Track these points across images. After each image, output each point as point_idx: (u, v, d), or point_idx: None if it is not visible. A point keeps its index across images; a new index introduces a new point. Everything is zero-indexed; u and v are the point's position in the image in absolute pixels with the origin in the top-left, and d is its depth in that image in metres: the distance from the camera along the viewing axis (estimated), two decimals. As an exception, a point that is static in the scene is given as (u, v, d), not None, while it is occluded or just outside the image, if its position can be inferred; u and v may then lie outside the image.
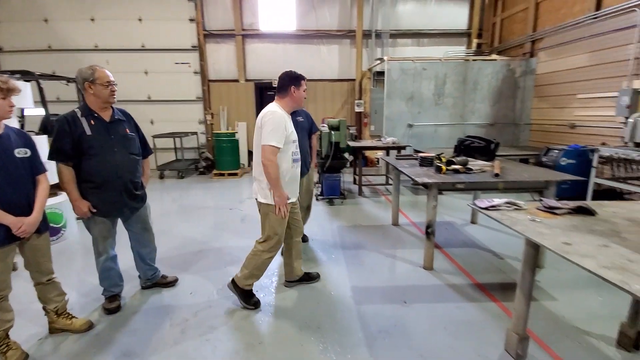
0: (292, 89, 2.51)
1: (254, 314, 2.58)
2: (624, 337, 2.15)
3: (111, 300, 2.61)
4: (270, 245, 2.57)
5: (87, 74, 2.21)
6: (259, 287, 2.96)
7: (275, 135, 2.35)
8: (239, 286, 2.65)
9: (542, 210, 2.01)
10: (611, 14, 5.45)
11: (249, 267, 2.63)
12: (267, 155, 2.34)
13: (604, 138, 5.43)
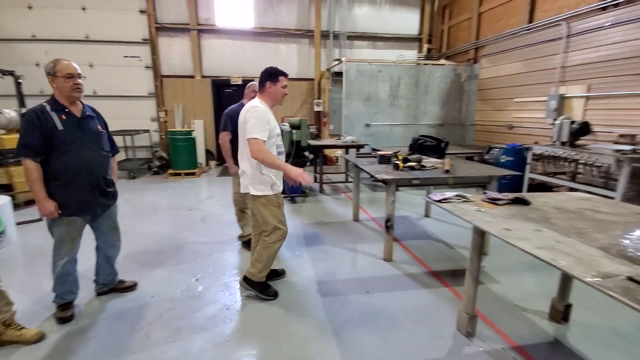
0: (268, 85, 2.54)
1: (220, 313, 2.57)
2: (555, 311, 2.48)
3: (64, 309, 2.45)
4: (279, 235, 2.64)
5: (49, 67, 2.15)
6: (224, 287, 2.95)
7: (258, 127, 2.37)
8: (255, 280, 2.71)
9: (486, 201, 2.25)
10: (542, 26, 6.13)
11: (262, 260, 2.67)
12: (254, 148, 2.36)
13: (537, 138, 6.09)
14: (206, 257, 3.54)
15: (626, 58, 4.69)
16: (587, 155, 4.36)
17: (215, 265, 3.37)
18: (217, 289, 2.92)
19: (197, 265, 3.35)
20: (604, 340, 2.26)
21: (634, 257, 1.36)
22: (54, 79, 2.16)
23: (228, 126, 3.51)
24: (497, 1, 7.35)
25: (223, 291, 2.88)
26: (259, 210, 2.60)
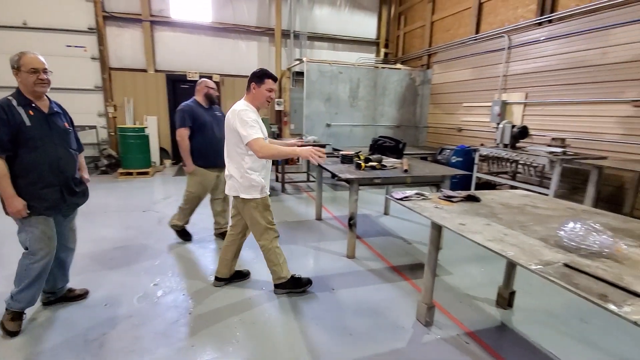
0: (252, 86, 2.55)
1: (182, 318, 2.49)
2: (501, 298, 2.73)
3: (15, 319, 2.25)
4: (272, 235, 2.69)
5: (13, 60, 2.07)
6: (186, 290, 2.86)
7: (252, 128, 2.36)
8: (284, 280, 2.76)
9: (442, 199, 2.42)
10: (486, 37, 6.65)
11: (275, 262, 2.73)
12: (257, 148, 2.34)
13: (483, 140, 6.60)
14: (165, 261, 3.40)
15: (557, 70, 5.26)
16: (526, 157, 4.83)
17: (174, 269, 3.24)
18: (178, 293, 2.82)
19: (155, 270, 3.20)
20: (541, 321, 2.55)
21: (568, 246, 1.56)
22: (18, 73, 2.07)
23: (187, 122, 3.44)
24: (447, 12, 7.85)
25: (184, 295, 2.79)
26: (249, 213, 2.60)
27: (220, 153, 3.62)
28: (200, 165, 3.57)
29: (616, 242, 1.54)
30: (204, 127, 3.51)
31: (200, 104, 3.58)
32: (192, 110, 3.49)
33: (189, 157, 3.50)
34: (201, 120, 3.50)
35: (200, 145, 3.52)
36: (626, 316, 1.04)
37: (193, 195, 3.66)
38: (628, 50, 4.34)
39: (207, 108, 3.61)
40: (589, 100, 4.82)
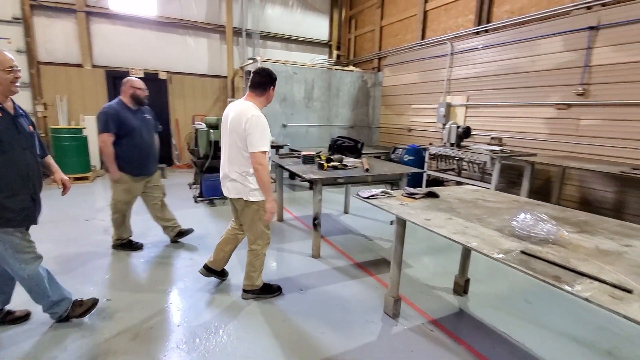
0: (271, 89, 2.53)
1: (145, 333, 2.33)
2: (457, 286, 2.95)
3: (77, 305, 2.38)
4: (266, 240, 2.69)
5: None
6: (145, 303, 2.68)
7: (266, 140, 2.37)
8: (256, 288, 2.74)
9: (405, 196, 2.55)
10: (431, 43, 7.10)
11: (257, 268, 2.70)
12: (260, 161, 2.34)
13: (431, 139, 7.04)
14: (118, 274, 3.14)
15: (494, 75, 5.79)
16: (470, 155, 5.25)
17: (129, 281, 3.01)
18: (137, 307, 2.62)
19: (107, 284, 2.94)
20: (492, 305, 2.80)
21: (521, 235, 1.74)
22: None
23: (111, 127, 3.14)
24: (395, 18, 8.24)
25: (144, 309, 2.60)
26: (250, 216, 2.57)
27: (150, 159, 3.48)
28: (128, 173, 3.32)
29: (559, 230, 1.75)
30: (132, 132, 3.24)
31: (127, 106, 3.27)
32: (118, 115, 3.17)
33: (114, 164, 3.22)
34: (129, 126, 3.22)
35: (128, 153, 3.25)
36: (579, 294, 1.19)
37: (121, 203, 3.41)
38: (552, 59, 4.93)
39: (135, 110, 3.33)
40: (521, 103, 5.39)
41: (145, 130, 3.38)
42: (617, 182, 4.30)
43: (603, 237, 1.79)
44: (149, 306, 2.63)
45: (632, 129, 4.14)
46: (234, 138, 2.41)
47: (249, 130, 2.32)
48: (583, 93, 4.57)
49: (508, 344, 2.32)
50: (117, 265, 3.29)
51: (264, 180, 2.41)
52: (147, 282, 3.01)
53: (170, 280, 3.05)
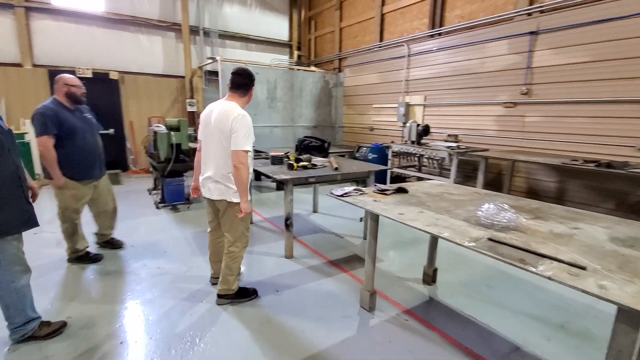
0: (252, 90, 2.58)
1: (116, 349, 2.20)
2: (426, 276, 3.11)
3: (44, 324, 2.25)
4: (244, 242, 2.67)
5: None
6: (112, 317, 2.52)
7: (250, 139, 2.37)
8: (232, 292, 2.68)
9: (377, 192, 2.65)
10: (389, 45, 7.37)
11: (234, 271, 2.65)
12: (242, 159, 2.33)
13: (392, 137, 7.31)
14: (77, 288, 2.92)
15: (448, 76, 6.15)
16: (430, 151, 5.54)
17: (91, 296, 2.81)
18: (102, 322, 2.46)
19: (66, 300, 2.73)
20: (459, 291, 2.99)
21: (485, 223, 1.89)
22: None
23: (50, 129, 2.90)
24: (354, 20, 8.43)
25: (110, 323, 2.45)
26: (231, 217, 2.54)
27: (96, 162, 3.30)
28: (74, 178, 3.11)
29: (518, 217, 1.92)
30: (74, 132, 3.02)
31: (64, 105, 3.04)
32: (56, 114, 2.93)
33: (57, 169, 2.98)
34: (69, 125, 2.99)
35: (71, 156, 3.03)
36: (542, 274, 1.33)
37: (69, 211, 3.19)
38: (499, 61, 5.34)
39: (73, 109, 3.10)
40: (473, 102, 5.77)
41: (88, 131, 3.17)
42: (559, 172, 4.77)
43: (554, 222, 2.00)
44: (115, 320, 2.48)
45: (569, 124, 4.61)
46: (219, 137, 2.38)
47: (236, 129, 2.31)
48: (527, 92, 5.01)
49: (475, 326, 2.49)
50: (76, 280, 3.06)
51: (243, 179, 2.38)
52: (110, 295, 2.83)
53: (137, 291, 2.89)
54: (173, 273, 3.20)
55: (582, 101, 4.45)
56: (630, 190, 4.12)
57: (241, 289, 2.77)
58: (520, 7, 5.07)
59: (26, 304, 2.15)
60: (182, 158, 5.12)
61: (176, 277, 3.13)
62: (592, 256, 1.49)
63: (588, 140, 4.44)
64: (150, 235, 4.11)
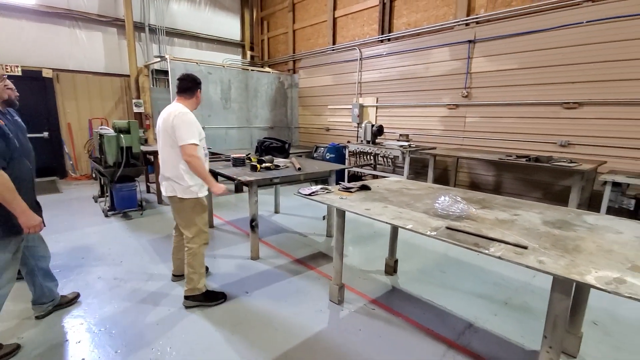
0: (198, 92, 2.68)
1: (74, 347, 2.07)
2: (388, 267, 3.32)
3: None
4: (203, 239, 2.69)
5: None
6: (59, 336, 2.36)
7: (194, 133, 2.45)
8: (198, 294, 2.67)
9: (342, 190, 2.78)
10: (342, 49, 7.62)
11: (196, 269, 2.65)
12: (190, 152, 2.41)
13: (348, 137, 7.56)
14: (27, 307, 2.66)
15: (397, 79, 6.53)
16: (384, 150, 5.85)
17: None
18: (58, 342, 2.29)
19: (16, 319, 2.48)
20: (417, 278, 3.24)
21: (443, 214, 2.10)
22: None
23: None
24: (306, 22, 8.57)
25: (68, 343, 2.29)
26: (185, 213, 2.61)
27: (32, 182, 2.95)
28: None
29: (469, 207, 2.17)
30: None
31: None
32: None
33: None
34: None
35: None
36: (493, 254, 1.54)
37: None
38: (442, 67, 5.80)
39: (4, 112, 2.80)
40: (420, 104, 6.21)
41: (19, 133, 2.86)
42: (496, 167, 5.33)
43: (498, 210, 2.29)
44: (73, 338, 2.32)
45: (503, 124, 5.18)
46: (164, 137, 2.53)
47: (177, 125, 2.44)
48: (467, 95, 5.52)
49: (433, 308, 2.74)
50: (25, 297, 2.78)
51: (198, 170, 2.48)
52: (64, 312, 2.63)
53: (94, 305, 2.72)
54: (133, 283, 3.06)
55: (512, 103, 5.03)
56: (554, 180, 4.75)
57: (209, 292, 2.75)
58: (459, 17, 5.57)
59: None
60: (134, 162, 4.84)
61: (137, 287, 2.99)
62: (530, 237, 1.75)
63: (519, 138, 5.03)
64: (102, 246, 3.85)
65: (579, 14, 4.35)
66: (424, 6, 6.13)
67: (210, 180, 2.56)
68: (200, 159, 2.49)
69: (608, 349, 2.31)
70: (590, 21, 4.26)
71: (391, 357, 2.19)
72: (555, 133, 4.68)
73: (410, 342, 2.33)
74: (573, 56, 4.43)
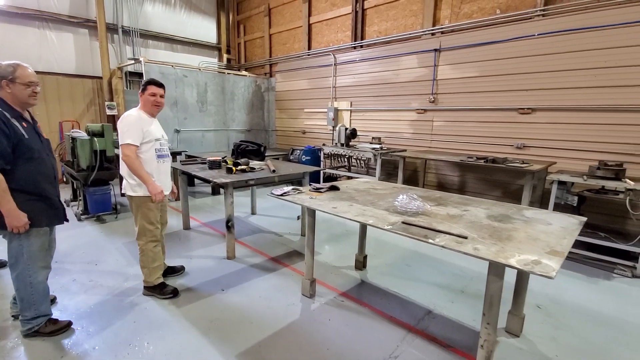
0: (140, 95, 2.78)
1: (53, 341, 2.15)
2: (358, 262, 3.54)
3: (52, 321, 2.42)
4: (149, 237, 2.79)
5: (6, 71, 2.08)
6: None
7: (129, 134, 2.59)
8: (150, 285, 2.88)
9: (313, 191, 2.97)
10: (318, 54, 7.83)
11: (145, 264, 2.84)
12: (125, 152, 2.59)
13: (324, 140, 7.78)
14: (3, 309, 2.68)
15: (370, 84, 6.82)
16: (357, 153, 6.10)
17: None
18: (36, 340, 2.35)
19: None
20: (385, 272, 3.47)
21: (401, 211, 2.33)
22: (10, 84, 2.09)
23: None
24: (282, 27, 8.74)
25: (44, 341, 2.35)
26: (133, 210, 2.79)
27: None
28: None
29: (425, 204, 2.41)
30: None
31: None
32: None
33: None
34: None
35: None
36: (437, 244, 1.77)
37: None
38: (411, 73, 6.13)
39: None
40: (392, 108, 6.51)
41: None
42: (460, 168, 5.69)
43: (451, 206, 2.54)
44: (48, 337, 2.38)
45: (466, 128, 5.54)
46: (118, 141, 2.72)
47: (119, 128, 2.67)
48: (434, 100, 5.86)
49: (398, 298, 2.97)
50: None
51: (132, 169, 2.63)
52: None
53: (71, 306, 2.77)
54: (109, 284, 3.12)
55: (474, 109, 5.40)
56: (511, 180, 5.14)
57: (160, 284, 2.92)
58: (425, 27, 5.91)
59: (38, 299, 2.31)
60: (107, 166, 4.84)
61: (113, 287, 3.06)
62: (473, 229, 2.00)
63: (481, 141, 5.40)
64: (76, 249, 3.86)
65: (532, 27, 4.75)
66: (394, 15, 6.44)
67: (147, 180, 2.65)
68: (134, 159, 2.60)
69: (548, 329, 2.61)
70: (541, 34, 4.67)
71: (356, 341, 2.39)
72: (512, 136, 5.08)
73: (374, 328, 2.54)
74: (526, 65, 4.83)
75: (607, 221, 4.23)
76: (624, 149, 4.20)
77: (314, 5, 7.84)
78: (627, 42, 4.05)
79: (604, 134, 4.33)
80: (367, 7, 6.84)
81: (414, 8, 6.12)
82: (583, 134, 4.48)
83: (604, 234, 3.75)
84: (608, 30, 4.17)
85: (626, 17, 4.04)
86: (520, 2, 4.95)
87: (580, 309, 2.89)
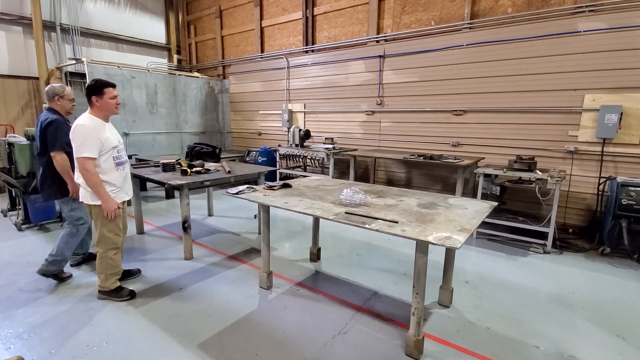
0: (94, 99, 2.62)
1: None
2: (312, 255, 3.80)
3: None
4: (109, 244, 2.79)
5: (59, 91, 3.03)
6: None
7: (86, 146, 2.52)
8: (106, 290, 2.88)
9: (266, 189, 3.17)
10: (271, 57, 8.00)
11: (102, 272, 2.84)
12: (83, 166, 2.54)
13: (279, 141, 7.95)
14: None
15: (321, 87, 7.13)
16: (311, 153, 6.38)
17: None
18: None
19: None
20: (337, 262, 3.77)
21: (345, 203, 2.62)
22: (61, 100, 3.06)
23: None
24: (234, 29, 8.77)
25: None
26: (95, 219, 2.77)
27: None
28: None
29: (367, 197, 2.73)
30: None
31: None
32: None
33: None
34: None
35: None
36: (372, 228, 2.07)
37: None
38: (359, 77, 6.53)
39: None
40: (343, 110, 6.88)
41: None
42: (405, 165, 6.19)
43: (390, 198, 2.89)
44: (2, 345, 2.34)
45: (409, 128, 6.05)
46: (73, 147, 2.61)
47: (73, 139, 2.56)
48: (380, 103, 6.31)
49: (349, 284, 3.27)
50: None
51: (89, 184, 2.60)
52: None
53: (20, 314, 2.70)
54: (60, 291, 3.06)
55: (415, 110, 5.93)
56: (449, 174, 5.73)
57: (116, 288, 2.94)
58: (371, 34, 6.34)
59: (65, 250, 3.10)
60: (51, 171, 4.62)
61: (65, 294, 3.02)
62: (404, 216, 2.34)
63: (423, 140, 5.93)
64: (20, 259, 3.69)
65: (461, 38, 5.35)
66: (342, 23, 6.81)
67: (103, 194, 2.62)
68: (92, 173, 2.55)
69: (473, 299, 3.06)
70: (469, 44, 5.28)
71: (309, 323, 2.64)
72: (449, 135, 5.66)
73: (326, 311, 2.81)
74: (458, 72, 5.42)
75: (525, 207, 4.91)
76: (536, 144, 4.91)
77: (266, 9, 8.00)
78: (535, 53, 4.75)
79: (521, 132, 5.02)
80: (316, 14, 7.14)
81: (360, 16, 6.54)
82: (505, 132, 5.15)
83: (522, 218, 4.37)
84: (519, 43, 4.85)
85: (533, 32, 4.73)
86: (451, 15, 5.53)
87: (500, 282, 3.40)
